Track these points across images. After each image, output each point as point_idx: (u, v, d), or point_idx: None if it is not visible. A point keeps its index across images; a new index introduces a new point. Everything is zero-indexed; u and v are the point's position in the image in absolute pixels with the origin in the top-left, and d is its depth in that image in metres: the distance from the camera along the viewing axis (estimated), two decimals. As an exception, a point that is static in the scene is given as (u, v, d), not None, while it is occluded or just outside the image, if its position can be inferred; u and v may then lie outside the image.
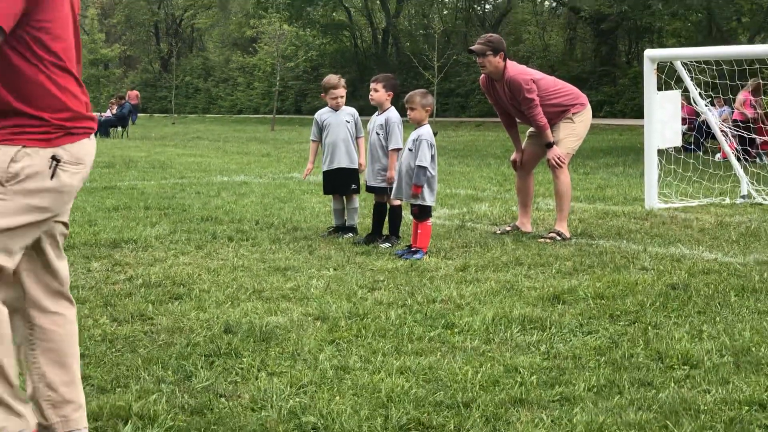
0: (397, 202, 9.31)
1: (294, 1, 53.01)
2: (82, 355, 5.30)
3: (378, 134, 9.43)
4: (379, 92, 9.45)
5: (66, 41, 3.72)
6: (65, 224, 3.95)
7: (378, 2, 62.07)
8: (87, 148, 3.81)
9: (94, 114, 3.97)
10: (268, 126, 44.09)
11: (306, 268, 7.96)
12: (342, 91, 10.00)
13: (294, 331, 5.86)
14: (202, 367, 5.10)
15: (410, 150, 8.74)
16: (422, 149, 8.60)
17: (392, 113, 9.45)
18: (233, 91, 71.13)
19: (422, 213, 8.71)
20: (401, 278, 7.53)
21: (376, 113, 9.56)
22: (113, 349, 5.49)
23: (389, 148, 9.32)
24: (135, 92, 57.80)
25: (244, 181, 15.74)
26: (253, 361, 5.20)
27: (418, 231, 8.69)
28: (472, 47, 9.68)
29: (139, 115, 48.33)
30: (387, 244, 9.12)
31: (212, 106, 72.20)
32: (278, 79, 47.08)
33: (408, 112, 8.87)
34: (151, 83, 77.75)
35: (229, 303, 6.64)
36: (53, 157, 3.65)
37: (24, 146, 3.61)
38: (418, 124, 8.80)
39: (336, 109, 9.99)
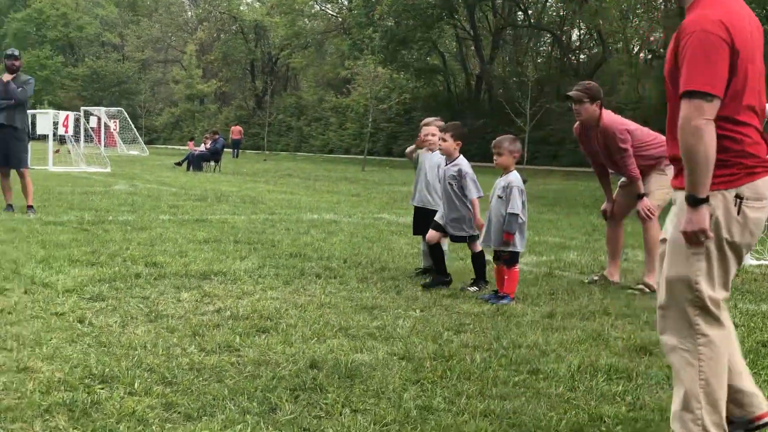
0: (478, 248, 9.26)
1: (389, 44, 53.49)
2: (170, 383, 5.39)
3: (451, 184, 9.25)
4: (447, 142, 9.24)
5: (736, 100, 4.21)
6: None
7: (473, 49, 62.28)
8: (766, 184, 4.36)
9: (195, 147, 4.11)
10: (358, 166, 44.37)
11: (393, 308, 7.99)
12: (433, 129, 9.93)
13: (379, 369, 5.87)
14: (287, 401, 5.14)
15: (500, 197, 8.71)
16: (513, 196, 8.58)
17: (463, 163, 9.26)
18: (325, 130, 71.70)
19: (511, 259, 8.69)
20: (487, 322, 7.52)
21: (444, 162, 9.47)
22: (200, 378, 5.56)
23: (471, 197, 9.16)
24: (238, 128, 58.95)
25: (333, 220, 15.86)
26: (337, 397, 5.23)
27: (505, 276, 8.67)
28: (569, 92, 9.61)
29: (227, 151, 46.49)
30: (474, 288, 9.10)
31: (304, 144, 72.86)
32: (370, 120, 47.40)
33: (495, 158, 8.80)
34: (244, 120, 78.85)
35: (316, 339, 6.68)
36: (737, 196, 4.25)
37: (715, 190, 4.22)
38: (505, 169, 8.77)
39: (431, 150, 10.01)
